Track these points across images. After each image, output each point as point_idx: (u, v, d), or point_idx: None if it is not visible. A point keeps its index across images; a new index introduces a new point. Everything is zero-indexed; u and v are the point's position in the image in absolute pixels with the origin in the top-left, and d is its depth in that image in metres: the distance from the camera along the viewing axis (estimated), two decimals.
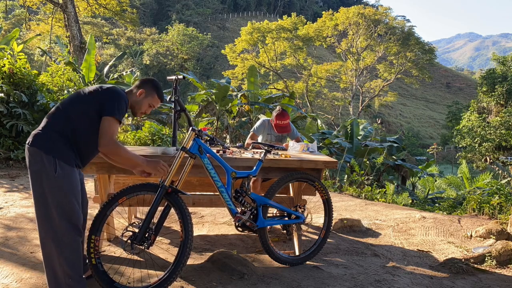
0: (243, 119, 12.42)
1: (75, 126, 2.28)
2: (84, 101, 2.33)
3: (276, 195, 3.22)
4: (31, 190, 2.28)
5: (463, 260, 3.50)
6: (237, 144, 3.61)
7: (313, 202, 3.72)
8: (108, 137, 2.26)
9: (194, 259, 3.15)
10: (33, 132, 2.29)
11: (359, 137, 11.53)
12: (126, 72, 14.27)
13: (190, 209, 2.78)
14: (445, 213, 5.64)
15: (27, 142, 2.28)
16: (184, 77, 3.93)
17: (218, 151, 3.16)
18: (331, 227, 3.45)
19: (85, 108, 2.31)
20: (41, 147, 2.23)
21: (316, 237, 3.50)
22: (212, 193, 3.65)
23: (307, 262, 3.23)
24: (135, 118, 13.78)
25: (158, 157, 2.94)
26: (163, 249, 3.30)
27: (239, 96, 12.30)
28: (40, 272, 2.76)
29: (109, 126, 2.27)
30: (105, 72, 13.68)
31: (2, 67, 6.70)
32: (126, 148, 2.37)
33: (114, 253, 3.19)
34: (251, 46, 35.96)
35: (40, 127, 2.29)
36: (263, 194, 3.12)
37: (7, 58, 6.85)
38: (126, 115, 13.77)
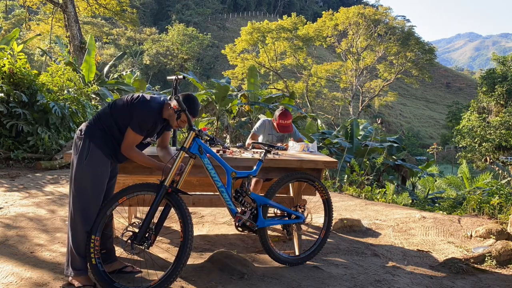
0: (243, 119, 12.42)
1: (115, 128, 2.60)
2: (123, 110, 2.61)
3: (276, 195, 3.22)
4: (31, 189, 2.33)
5: (463, 260, 3.50)
6: (237, 144, 3.61)
7: (313, 202, 3.72)
8: (126, 144, 2.59)
9: (194, 259, 3.15)
10: (83, 123, 2.66)
11: (359, 137, 11.53)
12: (126, 72, 14.27)
13: (190, 209, 2.78)
14: (445, 213, 5.63)
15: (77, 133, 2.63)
16: (184, 77, 3.93)
17: (218, 151, 3.16)
18: (331, 227, 3.45)
19: (123, 116, 2.60)
20: (83, 133, 2.57)
21: (316, 237, 3.50)
22: (212, 193, 3.65)
23: (307, 262, 3.23)
24: None
25: (158, 157, 2.95)
26: (163, 249, 3.30)
27: (239, 96, 12.30)
28: (41, 272, 2.76)
29: (128, 136, 2.58)
30: (105, 72, 13.67)
31: (2, 67, 6.70)
32: (141, 153, 2.66)
33: None
34: (251, 46, 35.94)
35: (88, 122, 2.66)
36: (263, 194, 3.12)
37: (7, 58, 6.85)
38: None
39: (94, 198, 2.54)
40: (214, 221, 4.35)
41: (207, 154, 2.78)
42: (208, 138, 2.77)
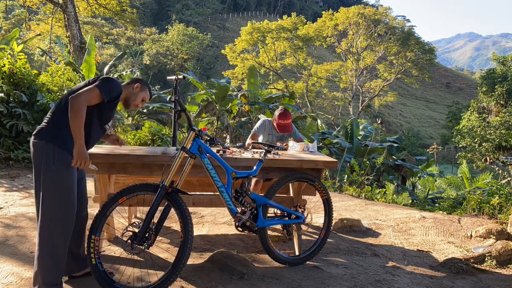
0: (243, 119, 12.43)
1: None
2: (81, 88, 2.45)
3: (276, 195, 3.22)
4: (31, 189, 2.33)
5: (463, 260, 3.50)
6: (237, 144, 3.61)
7: (313, 202, 3.72)
8: (81, 95, 2.35)
9: (194, 259, 3.15)
10: (38, 127, 2.44)
11: (359, 137, 11.53)
12: (126, 72, 14.27)
13: (190, 209, 2.78)
14: (445, 213, 5.63)
15: (32, 137, 2.41)
16: (184, 77, 3.93)
17: (218, 151, 3.16)
18: (331, 227, 3.45)
19: None
20: (43, 137, 2.37)
21: (316, 237, 3.50)
22: (212, 193, 3.65)
23: (307, 262, 3.23)
24: (135, 118, 13.80)
25: (158, 157, 2.95)
26: (163, 249, 3.30)
27: (239, 96, 12.31)
28: None
29: (88, 90, 2.38)
30: (105, 72, 13.68)
31: (2, 67, 6.70)
32: (81, 122, 2.33)
33: (114, 253, 3.19)
34: (251, 46, 35.94)
35: (43, 122, 2.44)
36: (263, 194, 3.12)
37: (7, 58, 6.86)
38: (126, 115, 13.77)
39: (72, 202, 2.43)
40: (214, 221, 4.35)
41: (207, 154, 2.78)
42: (208, 138, 2.77)
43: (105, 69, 13.96)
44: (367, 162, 9.66)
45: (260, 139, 4.23)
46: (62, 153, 2.37)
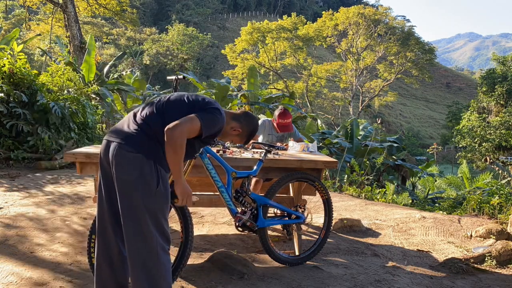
0: None
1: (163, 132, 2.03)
2: (183, 110, 2.08)
3: (276, 195, 3.22)
4: (31, 189, 2.29)
5: (463, 260, 3.50)
6: (237, 144, 3.61)
7: (313, 202, 3.72)
8: (181, 128, 1.94)
9: (194, 259, 3.15)
10: (123, 134, 2.01)
11: (359, 137, 11.53)
12: (126, 72, 14.28)
13: (190, 209, 2.78)
14: (445, 213, 5.63)
15: (118, 143, 1.98)
16: (184, 77, 3.94)
17: (218, 151, 3.16)
18: (331, 227, 3.45)
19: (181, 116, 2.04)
20: (140, 150, 1.96)
21: (316, 237, 3.50)
22: (212, 193, 3.65)
23: (307, 262, 3.23)
24: None
25: None
26: None
27: (239, 96, 12.30)
28: (41, 271, 2.76)
29: (190, 121, 1.98)
30: (105, 72, 13.67)
31: (2, 67, 6.71)
32: (182, 158, 1.99)
33: None
34: (251, 46, 35.95)
35: (131, 128, 2.03)
36: (263, 194, 3.12)
37: (7, 58, 6.86)
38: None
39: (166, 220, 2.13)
40: (214, 221, 4.35)
41: (207, 154, 2.78)
42: None
43: (105, 69, 13.96)
44: (367, 162, 9.65)
45: (260, 139, 4.22)
46: (163, 173, 2.03)
